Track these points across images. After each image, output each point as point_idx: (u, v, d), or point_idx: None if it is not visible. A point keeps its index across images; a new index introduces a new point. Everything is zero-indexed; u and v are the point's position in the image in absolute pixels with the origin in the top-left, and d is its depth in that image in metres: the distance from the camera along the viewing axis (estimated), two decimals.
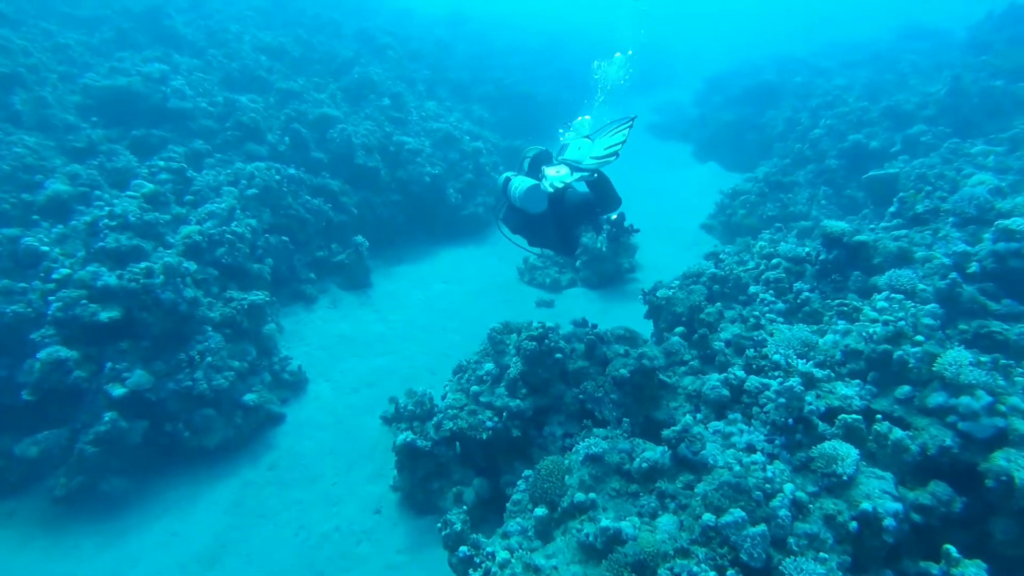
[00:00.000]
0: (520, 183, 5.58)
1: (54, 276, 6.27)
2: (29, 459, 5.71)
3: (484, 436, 5.34)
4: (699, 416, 4.09)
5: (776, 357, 4.12)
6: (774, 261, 6.10)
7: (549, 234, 5.88)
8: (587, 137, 5.64)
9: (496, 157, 13.63)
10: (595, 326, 5.87)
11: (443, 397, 6.11)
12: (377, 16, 20.61)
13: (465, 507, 4.67)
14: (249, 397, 6.67)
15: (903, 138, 11.27)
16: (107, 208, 7.22)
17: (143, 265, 6.40)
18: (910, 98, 12.08)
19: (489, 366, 5.69)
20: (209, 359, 6.48)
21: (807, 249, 6.13)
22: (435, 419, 5.72)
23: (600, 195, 5.55)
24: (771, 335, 4.82)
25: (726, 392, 4.04)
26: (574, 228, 6.01)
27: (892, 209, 7.42)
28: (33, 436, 5.76)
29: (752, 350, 4.36)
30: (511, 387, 5.48)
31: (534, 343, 5.38)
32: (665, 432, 3.98)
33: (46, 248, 6.58)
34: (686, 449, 3.83)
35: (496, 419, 5.39)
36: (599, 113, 9.63)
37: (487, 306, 9.66)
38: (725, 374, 4.13)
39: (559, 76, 22.62)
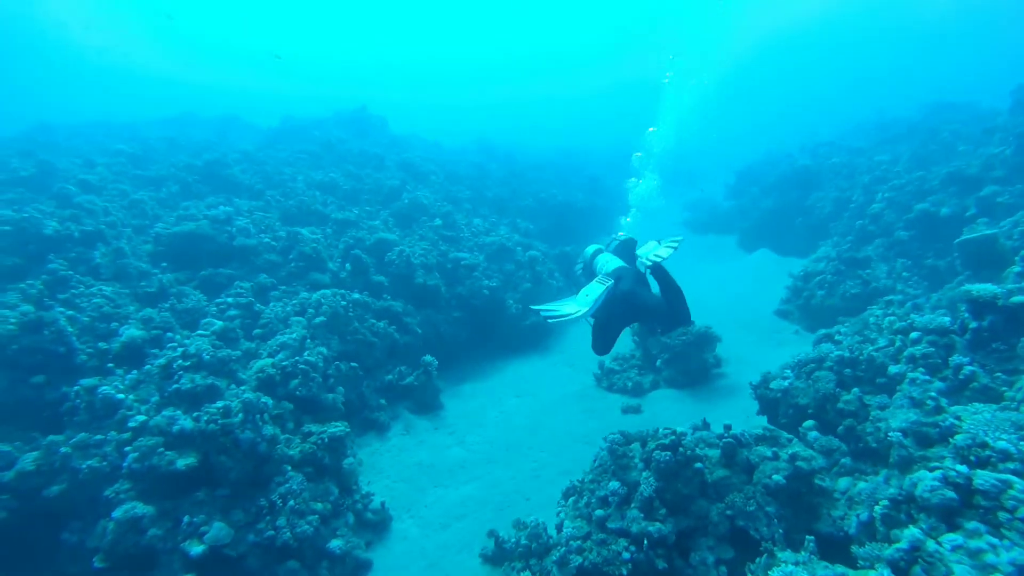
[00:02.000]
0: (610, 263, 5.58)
1: (130, 424, 5.92)
2: None
3: (624, 572, 4.49)
4: (923, 527, 3.27)
5: (1001, 444, 3.36)
6: (913, 335, 5.42)
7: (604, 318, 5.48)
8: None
9: (551, 264, 13.49)
10: (729, 427, 5.15)
11: (558, 527, 5.31)
12: (412, 150, 21.81)
13: None
14: (335, 544, 5.92)
15: (976, 201, 10.79)
16: (180, 349, 7.01)
17: (220, 404, 6.01)
18: (971, 162, 11.75)
19: (614, 484, 4.94)
20: (291, 503, 5.85)
21: (947, 319, 5.46)
22: (556, 554, 4.89)
23: (671, 307, 5.26)
24: (958, 419, 4.06)
25: (952, 494, 3.25)
26: (625, 323, 5.61)
27: (1017, 269, 6.77)
28: None
29: (961, 437, 3.60)
30: (645, 508, 4.70)
31: (668, 453, 4.68)
32: (885, 550, 3.17)
33: (121, 396, 6.29)
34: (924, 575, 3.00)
35: (634, 548, 4.56)
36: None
37: (568, 418, 8.95)
38: (941, 471, 3.36)
39: (588, 185, 23.23)
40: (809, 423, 5.88)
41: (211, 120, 25.50)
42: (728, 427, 5.15)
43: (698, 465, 4.70)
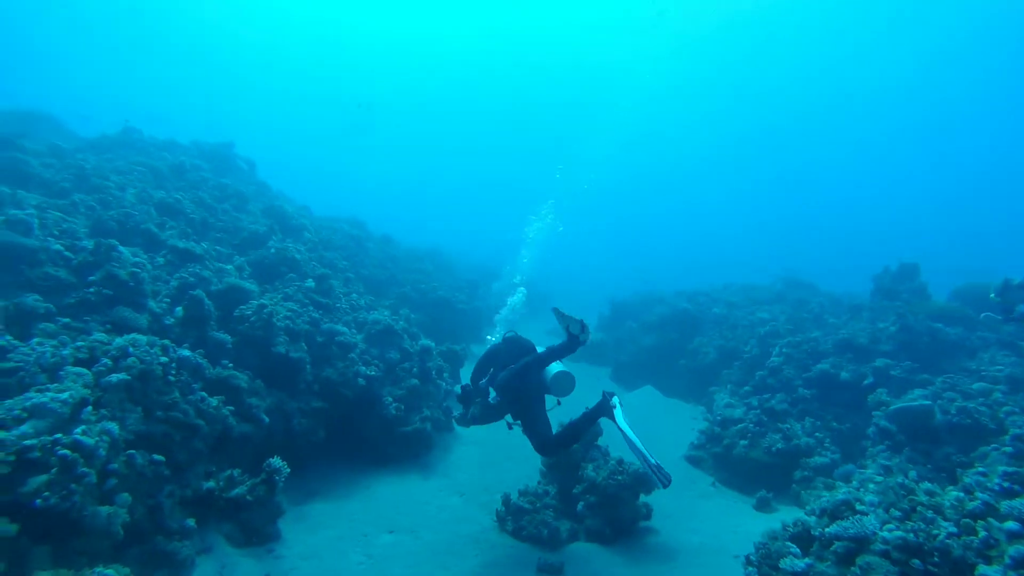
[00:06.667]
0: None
1: None
2: None
3: None
4: None
5: None
6: (1008, 525, 4.15)
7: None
8: None
9: (440, 361, 11.17)
10: None
11: None
12: (281, 202, 18.77)
13: None
14: None
15: (873, 371, 10.95)
16: None
17: None
18: (858, 333, 12.21)
19: None
20: None
21: None
22: None
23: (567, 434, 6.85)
24: None
25: None
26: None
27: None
28: None
29: None
30: None
31: None
32: None
33: None
34: None
35: None
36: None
37: (465, 573, 6.39)
38: None
39: (468, 288, 21.75)
40: None
41: (8, 113, 18.98)
42: None
43: None
